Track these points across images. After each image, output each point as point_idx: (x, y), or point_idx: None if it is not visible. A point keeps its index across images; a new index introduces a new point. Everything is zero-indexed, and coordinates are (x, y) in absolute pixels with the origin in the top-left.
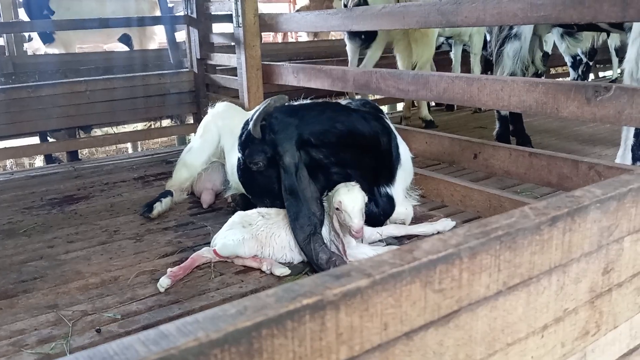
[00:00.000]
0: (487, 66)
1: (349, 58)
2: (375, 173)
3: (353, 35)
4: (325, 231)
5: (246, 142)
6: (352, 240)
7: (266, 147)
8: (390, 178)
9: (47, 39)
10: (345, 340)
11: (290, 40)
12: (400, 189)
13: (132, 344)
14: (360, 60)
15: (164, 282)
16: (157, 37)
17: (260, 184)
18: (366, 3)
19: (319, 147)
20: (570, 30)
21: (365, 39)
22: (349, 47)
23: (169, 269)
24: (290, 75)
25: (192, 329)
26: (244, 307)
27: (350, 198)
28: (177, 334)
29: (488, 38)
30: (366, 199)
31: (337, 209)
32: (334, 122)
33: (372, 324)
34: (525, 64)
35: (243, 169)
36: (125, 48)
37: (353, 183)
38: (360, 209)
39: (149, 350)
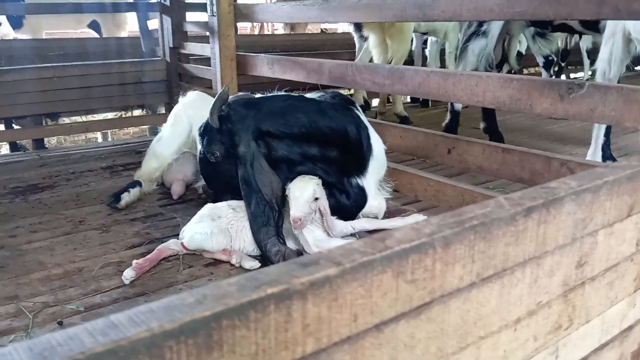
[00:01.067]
0: None
1: (356, 52)
2: (345, 164)
3: (354, 26)
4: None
5: (204, 132)
6: (322, 233)
7: (223, 137)
8: (361, 169)
9: (16, 24)
10: (313, 332)
11: (267, 33)
12: (372, 181)
13: (77, 334)
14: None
15: (128, 274)
16: (128, 25)
17: (220, 176)
18: None
19: (281, 138)
20: (542, 31)
21: (363, 30)
22: (356, 40)
23: (134, 261)
24: (265, 66)
25: (145, 319)
26: (203, 295)
27: (298, 187)
28: (128, 323)
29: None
30: (320, 193)
31: (289, 197)
32: (295, 112)
33: (340, 315)
34: (490, 62)
35: (203, 160)
36: (95, 35)
37: (311, 177)
38: (306, 200)
39: (96, 341)
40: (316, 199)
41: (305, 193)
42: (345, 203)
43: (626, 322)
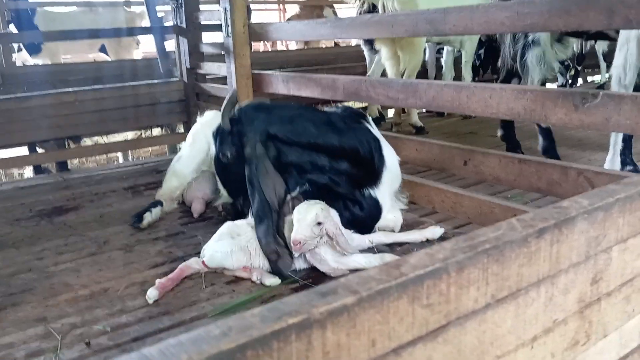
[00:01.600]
0: (476, 73)
1: (367, 64)
2: (357, 176)
3: (364, 40)
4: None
5: (217, 133)
6: (348, 247)
7: (234, 139)
8: (374, 180)
9: (33, 50)
10: (332, 358)
11: (280, 48)
12: (386, 192)
13: None
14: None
15: (151, 293)
16: (137, 47)
17: (232, 176)
18: (375, 9)
19: (289, 144)
20: (559, 36)
21: (373, 45)
22: (365, 54)
23: (157, 280)
24: (281, 83)
25: (175, 352)
26: (228, 327)
27: (301, 210)
28: (160, 357)
29: (505, 49)
30: (324, 218)
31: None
32: (304, 121)
33: (359, 341)
34: (552, 67)
35: (217, 162)
36: (107, 58)
37: (317, 201)
38: (308, 224)
39: None
40: (319, 223)
41: (307, 217)
42: (359, 214)
43: None
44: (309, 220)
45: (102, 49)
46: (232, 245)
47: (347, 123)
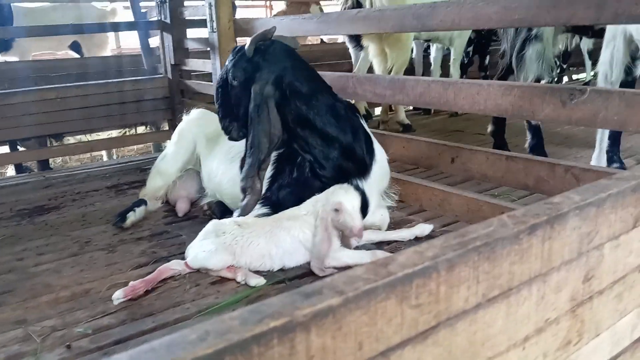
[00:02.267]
0: (464, 72)
1: (353, 62)
2: (346, 165)
3: (349, 37)
4: (311, 232)
5: (235, 54)
6: (337, 243)
7: (249, 67)
8: (363, 173)
9: (4, 47)
10: None
11: None
12: (375, 188)
13: None
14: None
15: (117, 294)
16: (109, 44)
17: (231, 101)
18: (359, 5)
19: (291, 105)
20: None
21: (358, 42)
22: (351, 51)
23: (131, 282)
24: None
25: (147, 358)
26: (205, 331)
27: (349, 199)
28: None
29: (503, 45)
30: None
31: (336, 210)
32: (318, 93)
33: (345, 344)
34: (551, 66)
35: (221, 85)
36: (76, 55)
37: (346, 185)
38: (358, 209)
39: None
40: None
41: (356, 202)
42: None
43: (637, 332)
44: (359, 204)
45: (73, 47)
46: (217, 244)
47: (346, 112)
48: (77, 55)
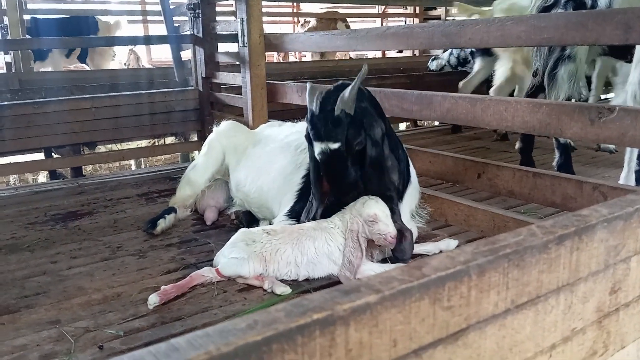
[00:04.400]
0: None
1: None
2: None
3: (480, 51)
4: (335, 244)
5: (326, 124)
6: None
7: (356, 120)
8: (400, 195)
9: (40, 56)
10: (355, 356)
11: (292, 59)
12: (407, 207)
13: (143, 357)
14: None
15: (152, 299)
16: (113, 58)
17: (341, 174)
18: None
19: (378, 148)
20: None
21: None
22: (477, 62)
23: (163, 287)
24: (295, 94)
25: (203, 342)
26: (254, 321)
27: (381, 208)
28: (188, 347)
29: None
30: None
31: (371, 221)
32: (392, 141)
33: (381, 340)
34: (583, 86)
35: (319, 160)
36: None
37: (374, 197)
38: (390, 216)
39: None
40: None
41: (388, 211)
42: None
43: None
44: (389, 214)
45: (81, 59)
46: (247, 252)
47: (399, 146)
48: (84, 66)
